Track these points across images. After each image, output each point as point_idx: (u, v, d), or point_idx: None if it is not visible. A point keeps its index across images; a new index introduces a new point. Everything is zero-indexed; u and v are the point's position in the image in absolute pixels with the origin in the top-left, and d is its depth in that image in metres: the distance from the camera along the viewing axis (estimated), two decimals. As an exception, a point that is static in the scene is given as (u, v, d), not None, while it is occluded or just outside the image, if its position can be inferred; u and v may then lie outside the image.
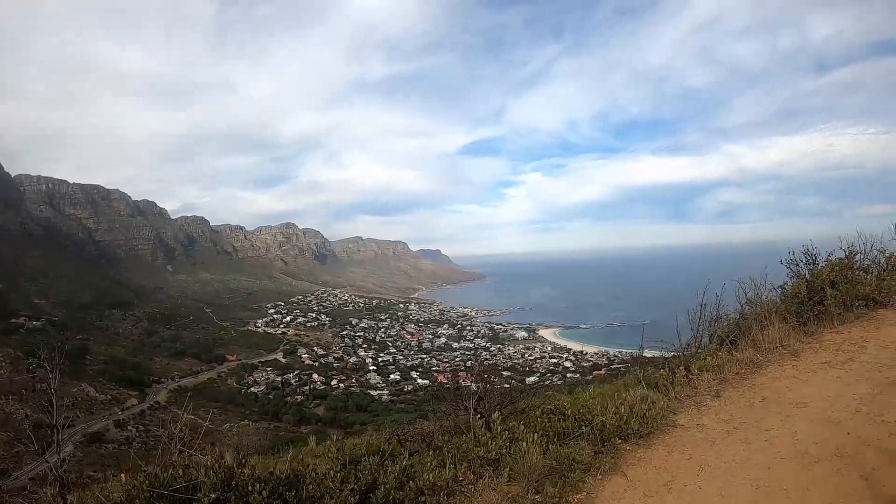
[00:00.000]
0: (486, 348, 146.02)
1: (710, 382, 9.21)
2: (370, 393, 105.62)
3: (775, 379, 8.87)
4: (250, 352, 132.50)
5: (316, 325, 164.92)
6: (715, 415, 8.16)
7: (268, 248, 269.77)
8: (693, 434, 7.68)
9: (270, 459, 10.72)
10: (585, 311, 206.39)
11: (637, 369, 10.98)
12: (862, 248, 12.35)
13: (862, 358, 8.67)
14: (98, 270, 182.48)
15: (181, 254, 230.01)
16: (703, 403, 8.67)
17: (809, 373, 8.74)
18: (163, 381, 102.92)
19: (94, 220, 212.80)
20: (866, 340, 9.41)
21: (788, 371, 9.03)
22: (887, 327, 9.81)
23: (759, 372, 9.31)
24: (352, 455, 8.33)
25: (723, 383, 9.18)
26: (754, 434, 7.20)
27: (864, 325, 10.30)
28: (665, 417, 8.17)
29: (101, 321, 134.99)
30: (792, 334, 10.40)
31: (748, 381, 9.08)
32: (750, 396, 8.48)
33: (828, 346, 9.65)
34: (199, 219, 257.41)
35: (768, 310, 11.28)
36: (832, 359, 9.03)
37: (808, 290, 11.52)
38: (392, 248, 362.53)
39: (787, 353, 9.80)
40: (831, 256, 12.16)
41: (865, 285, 11.41)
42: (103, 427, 74.24)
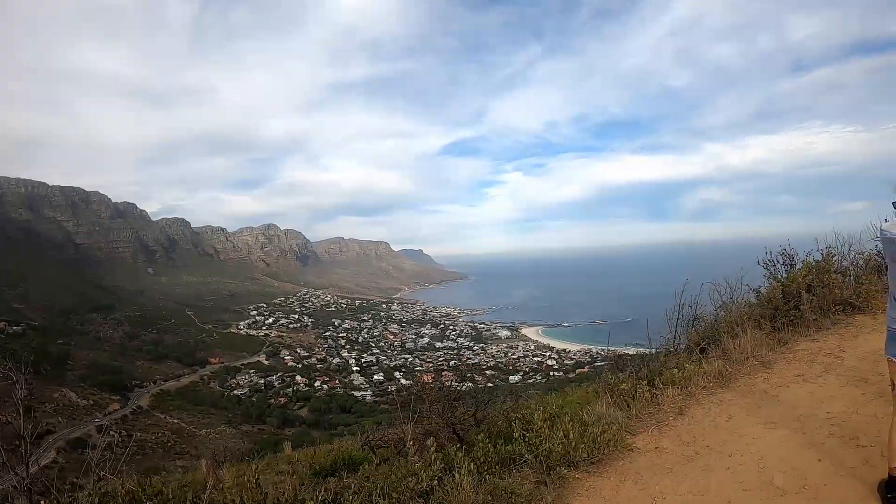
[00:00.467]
0: (470, 347, 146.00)
1: (674, 398, 8.62)
2: (354, 394, 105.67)
3: (744, 394, 8.31)
4: (233, 354, 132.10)
5: (298, 326, 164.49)
6: (676, 436, 7.54)
7: (249, 249, 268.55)
8: (650, 459, 7.09)
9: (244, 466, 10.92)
10: (568, 310, 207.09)
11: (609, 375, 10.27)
12: (839, 249, 12.03)
13: (838, 370, 8.29)
14: (79, 274, 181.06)
15: (162, 256, 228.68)
16: (665, 422, 8.05)
17: (781, 387, 8.21)
18: (145, 385, 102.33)
19: (74, 223, 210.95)
20: (843, 350, 9.04)
21: (759, 385, 8.48)
22: (865, 335, 9.44)
23: (728, 386, 8.76)
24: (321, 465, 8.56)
25: (688, 399, 8.58)
26: (716, 460, 6.62)
27: (841, 332, 9.92)
28: (621, 440, 7.56)
29: (83, 325, 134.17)
30: (765, 343, 9.88)
31: (716, 396, 8.49)
32: (716, 414, 7.89)
33: (802, 357, 9.15)
34: (181, 220, 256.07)
35: (740, 316, 10.89)
36: (806, 371, 8.55)
37: (783, 294, 11.12)
38: (374, 248, 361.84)
39: (759, 364, 9.23)
40: (809, 257, 11.86)
41: (843, 289, 11.05)
42: (86, 433, 73.79)
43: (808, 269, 11.48)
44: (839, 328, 10.08)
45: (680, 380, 9.12)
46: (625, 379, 9.69)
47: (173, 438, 77.22)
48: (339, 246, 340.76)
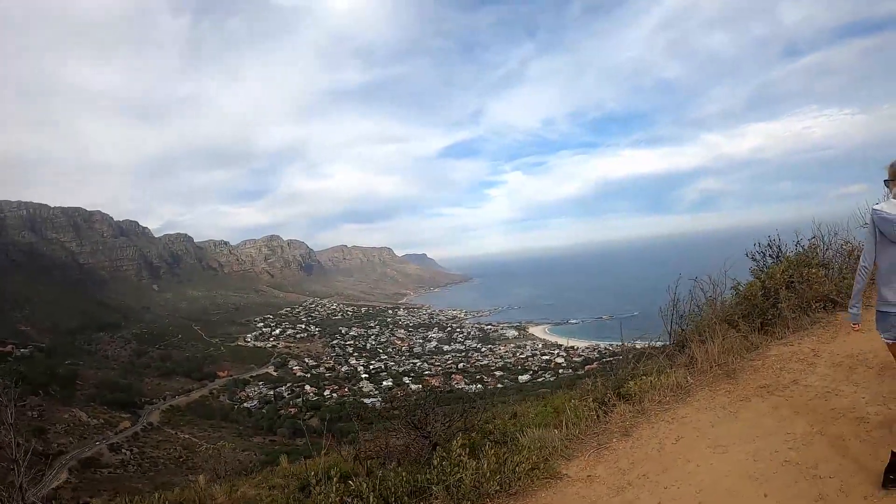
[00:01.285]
0: (478, 349, 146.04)
1: (623, 415, 8.13)
2: (363, 401, 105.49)
3: (701, 410, 7.70)
4: (241, 367, 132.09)
5: (305, 336, 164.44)
6: (614, 462, 6.95)
7: (253, 261, 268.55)
8: (578, 490, 6.53)
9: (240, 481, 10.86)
10: (573, 307, 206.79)
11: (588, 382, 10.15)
12: (824, 239, 11.62)
13: (808, 380, 7.55)
14: (84, 293, 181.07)
15: (166, 272, 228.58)
16: (607, 444, 7.49)
17: (742, 401, 7.55)
18: (155, 401, 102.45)
19: (78, 243, 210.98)
20: (818, 355, 8.35)
21: (719, 399, 7.87)
22: (844, 336, 8.72)
23: (686, 400, 8.18)
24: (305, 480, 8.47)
25: (639, 416, 8.05)
26: (649, 493, 5.98)
27: (819, 333, 9.27)
28: (550, 467, 7.03)
29: (90, 345, 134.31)
30: (734, 348, 9.32)
31: (669, 412, 7.90)
32: (664, 435, 7.28)
33: (772, 365, 8.47)
34: (183, 236, 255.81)
35: (713, 318, 10.36)
36: (773, 382, 7.86)
37: (763, 291, 10.71)
38: (378, 254, 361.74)
39: (723, 374, 8.66)
40: (797, 247, 11.61)
41: (823, 284, 10.45)
42: (97, 452, 73.93)
43: (788, 263, 11.20)
44: (818, 328, 9.57)
45: (636, 393, 8.59)
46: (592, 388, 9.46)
47: (185, 454, 77.17)
48: (343, 254, 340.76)
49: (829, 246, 11.60)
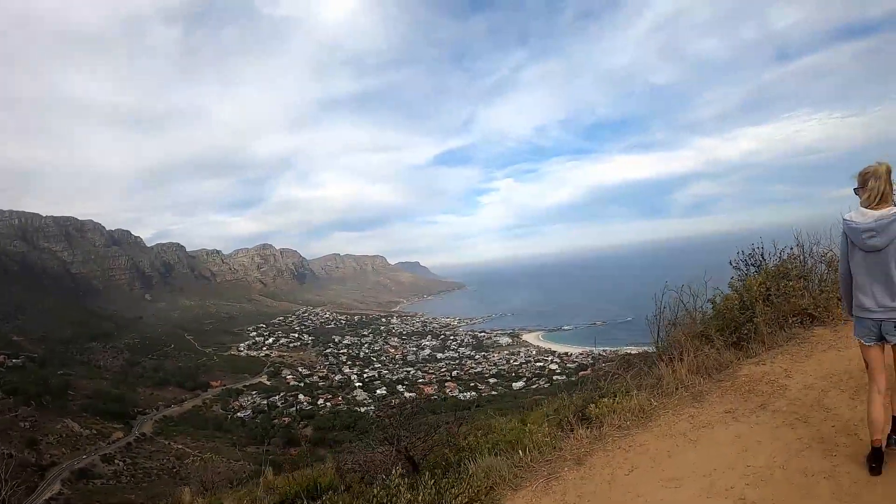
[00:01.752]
0: (471, 357, 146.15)
1: (581, 440, 7.70)
2: (357, 410, 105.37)
3: (661, 437, 7.19)
4: (234, 376, 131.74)
5: (299, 345, 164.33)
6: (561, 494, 6.52)
7: (246, 270, 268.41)
8: None
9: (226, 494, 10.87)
10: (567, 313, 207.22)
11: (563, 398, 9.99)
12: (805, 248, 11.08)
13: (777, 404, 7.04)
14: (76, 303, 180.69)
15: (159, 281, 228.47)
16: (557, 473, 7.06)
17: (705, 428, 7.03)
18: (147, 411, 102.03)
19: (70, 253, 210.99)
20: (790, 375, 7.82)
21: (681, 424, 7.33)
22: (819, 354, 8.24)
23: (647, 425, 7.67)
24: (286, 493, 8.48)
25: (596, 442, 7.59)
26: None
27: (793, 350, 8.70)
28: (494, 498, 6.79)
29: (82, 355, 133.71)
30: (704, 367, 8.90)
31: (628, 438, 7.42)
32: (618, 465, 6.81)
33: (740, 387, 7.91)
34: (176, 245, 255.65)
35: (687, 333, 9.96)
36: (740, 406, 7.33)
37: (739, 305, 10.21)
38: (371, 262, 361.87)
39: (689, 396, 8.16)
40: (782, 254, 11.07)
41: (801, 298, 9.96)
42: (90, 463, 73.66)
43: (766, 275, 10.71)
44: (793, 345, 9.00)
45: (596, 416, 8.25)
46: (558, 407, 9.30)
47: (178, 464, 76.95)
48: (336, 262, 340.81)
49: (811, 254, 11.10)
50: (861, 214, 5.07)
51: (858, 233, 5.07)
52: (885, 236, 4.91)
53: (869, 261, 5.08)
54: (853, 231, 5.12)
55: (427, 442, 8.51)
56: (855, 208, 5.23)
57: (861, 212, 5.09)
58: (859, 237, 5.07)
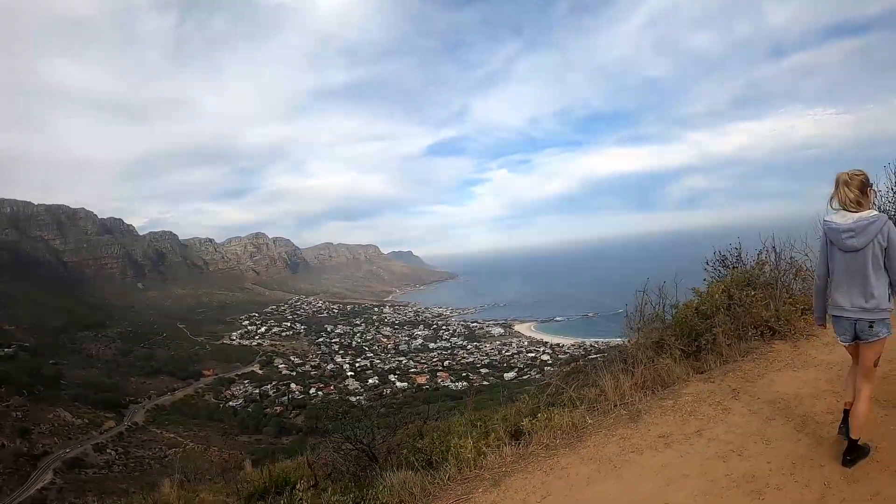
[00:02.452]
0: (464, 347, 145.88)
1: (505, 457, 7.29)
2: (349, 399, 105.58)
3: (586, 460, 6.73)
4: (226, 365, 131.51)
5: (291, 334, 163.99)
6: None
7: (238, 259, 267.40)
8: None
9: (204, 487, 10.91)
10: (560, 304, 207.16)
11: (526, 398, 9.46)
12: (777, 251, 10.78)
13: (715, 430, 6.54)
14: (68, 292, 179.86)
15: (151, 270, 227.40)
16: (470, 495, 6.68)
17: (633, 453, 6.56)
18: (140, 400, 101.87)
19: (62, 241, 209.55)
20: (738, 395, 7.39)
21: (610, 447, 6.85)
22: (773, 374, 7.83)
23: (575, 445, 7.18)
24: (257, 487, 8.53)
25: (520, 461, 7.15)
26: None
27: (747, 368, 8.26)
28: None
29: (74, 343, 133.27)
30: (649, 381, 8.48)
31: (552, 459, 6.97)
32: (533, 490, 6.43)
33: (682, 406, 7.48)
34: (168, 234, 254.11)
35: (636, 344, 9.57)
36: (675, 430, 6.86)
37: (697, 314, 9.82)
38: (363, 252, 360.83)
39: (627, 414, 7.69)
40: (761, 255, 10.82)
41: (767, 308, 9.58)
42: (82, 452, 73.75)
43: (731, 281, 10.39)
44: (748, 360, 8.58)
45: (527, 431, 7.86)
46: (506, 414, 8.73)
47: (171, 453, 77.00)
48: (329, 251, 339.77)
49: (780, 260, 10.82)
50: (842, 216, 5.23)
51: (838, 233, 5.22)
52: (863, 237, 5.05)
53: (847, 261, 5.22)
54: (833, 231, 5.28)
55: (388, 441, 8.31)
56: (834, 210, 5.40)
57: (842, 213, 5.24)
58: (839, 237, 5.21)
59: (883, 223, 4.99)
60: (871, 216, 5.05)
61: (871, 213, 5.10)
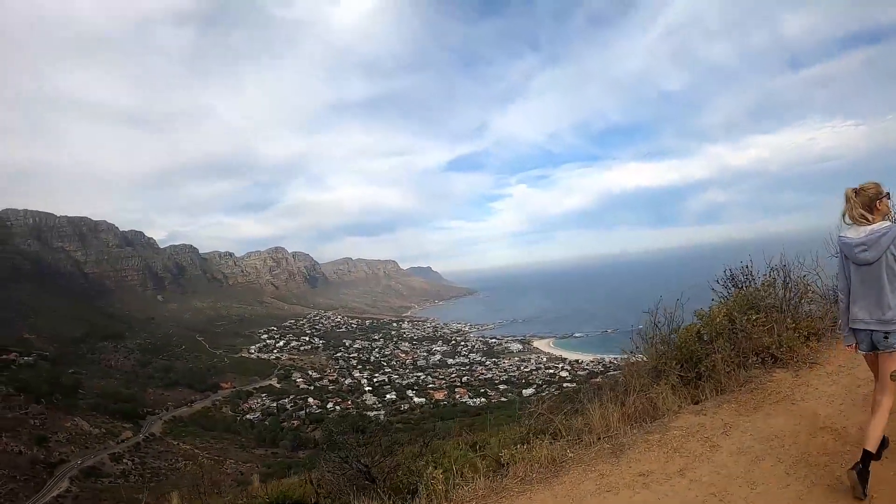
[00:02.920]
0: (482, 362, 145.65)
1: (476, 490, 6.82)
2: (367, 414, 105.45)
3: (559, 497, 6.27)
4: (244, 378, 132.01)
5: (309, 348, 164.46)
6: None
7: (258, 273, 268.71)
8: None
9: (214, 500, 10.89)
10: (578, 320, 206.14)
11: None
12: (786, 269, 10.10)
13: (699, 471, 6.02)
14: (88, 303, 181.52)
15: (171, 283, 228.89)
16: None
17: (609, 492, 6.06)
18: (157, 412, 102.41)
19: (83, 253, 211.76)
20: (728, 432, 6.82)
21: (587, 485, 6.35)
22: (770, 406, 7.33)
23: (551, 481, 6.67)
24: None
25: (492, 495, 6.67)
26: None
27: (743, 399, 7.74)
28: None
29: (93, 354, 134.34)
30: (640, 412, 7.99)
31: (525, 495, 6.48)
32: None
33: (669, 441, 6.93)
34: (188, 247, 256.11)
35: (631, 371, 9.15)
36: (658, 468, 6.34)
37: (698, 338, 9.18)
38: (382, 267, 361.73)
39: (610, 448, 7.12)
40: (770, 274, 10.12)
41: (771, 335, 8.90)
42: (99, 461, 74.10)
43: (734, 304, 9.61)
44: (746, 391, 7.97)
45: (506, 462, 7.43)
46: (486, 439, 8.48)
47: (187, 464, 77.24)
48: (348, 266, 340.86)
49: (790, 277, 10.08)
50: (854, 230, 5.30)
51: (851, 248, 5.29)
52: (875, 250, 5.12)
53: (862, 274, 5.29)
54: (847, 246, 5.36)
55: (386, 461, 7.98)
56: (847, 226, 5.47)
57: (854, 228, 5.31)
58: (852, 252, 5.29)
59: (895, 234, 5.05)
60: (883, 228, 5.12)
61: (884, 224, 5.17)
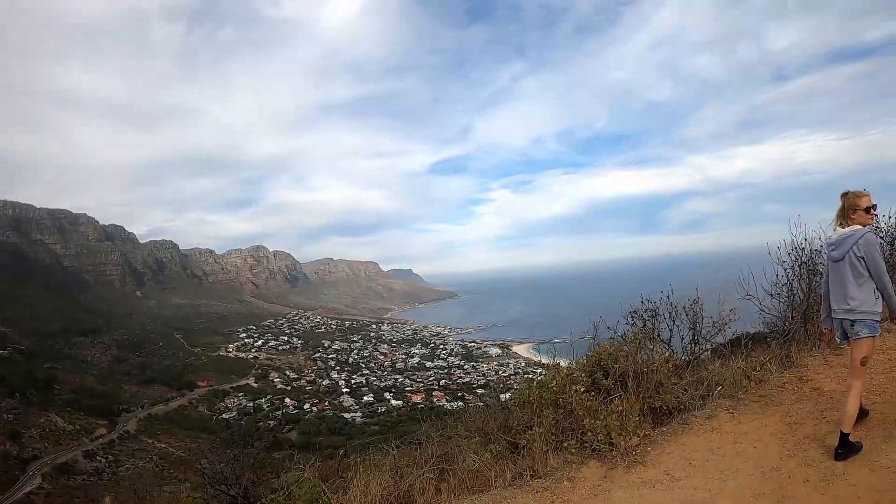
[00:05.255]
0: (460, 366, 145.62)
1: None
2: (344, 416, 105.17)
3: None
4: (222, 377, 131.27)
5: (288, 348, 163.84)
6: None
7: (238, 271, 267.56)
8: None
9: None
10: (558, 326, 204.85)
11: None
12: (694, 311, 9.43)
13: None
14: (67, 297, 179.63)
15: (150, 279, 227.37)
16: None
17: None
18: (132, 409, 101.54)
19: (63, 246, 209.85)
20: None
21: None
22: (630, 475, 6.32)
23: None
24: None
25: None
26: None
27: (545, 488, 6.46)
28: None
29: (70, 349, 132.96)
30: (461, 482, 6.98)
31: None
32: None
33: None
34: (169, 243, 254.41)
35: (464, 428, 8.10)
36: None
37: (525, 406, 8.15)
38: (363, 268, 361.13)
39: None
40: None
41: (586, 413, 7.49)
42: (72, 458, 73.34)
43: (586, 363, 8.49)
44: (552, 480, 6.62)
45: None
46: None
47: (161, 463, 76.67)
48: (329, 266, 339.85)
49: (697, 326, 9.05)
50: (834, 233, 6.14)
51: (826, 247, 6.29)
52: (841, 249, 5.95)
53: (833, 270, 6.14)
54: (826, 246, 6.34)
55: (268, 482, 7.72)
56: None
57: (835, 231, 6.13)
58: (827, 251, 6.25)
59: (859, 236, 5.83)
60: (851, 231, 5.92)
61: (855, 228, 5.91)
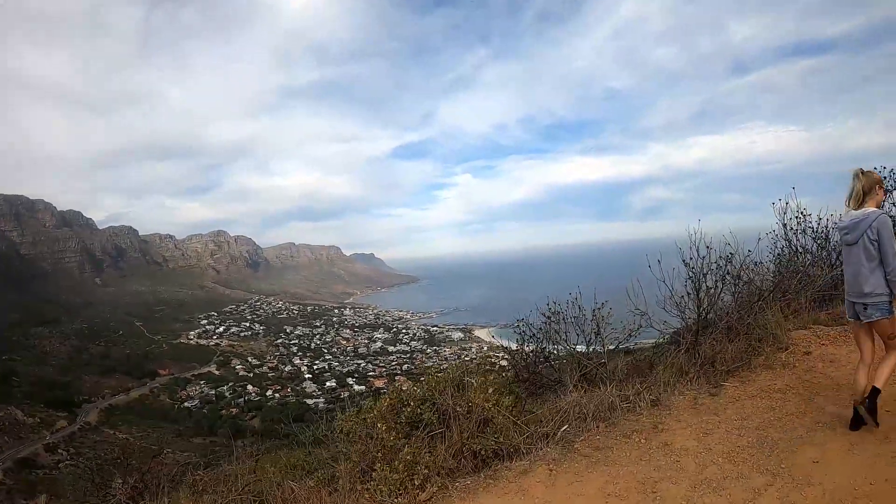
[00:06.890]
0: (423, 351, 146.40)
1: None
2: (306, 402, 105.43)
3: None
4: (183, 365, 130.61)
5: (250, 334, 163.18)
6: None
7: (199, 256, 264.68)
8: None
9: None
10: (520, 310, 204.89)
11: None
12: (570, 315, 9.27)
13: None
14: (23, 286, 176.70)
15: (110, 266, 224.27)
16: None
17: None
18: (93, 400, 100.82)
19: (19, 233, 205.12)
20: None
21: None
22: None
23: None
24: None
25: None
26: None
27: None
28: None
29: (28, 340, 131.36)
30: None
31: None
32: None
33: None
34: (128, 228, 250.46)
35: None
36: None
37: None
38: (325, 253, 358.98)
39: None
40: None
41: (487, 417, 7.23)
42: (33, 452, 72.96)
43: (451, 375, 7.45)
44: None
45: None
46: None
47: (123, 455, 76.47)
48: (290, 251, 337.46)
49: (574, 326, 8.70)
50: (847, 215, 6.23)
51: (840, 231, 6.34)
52: (855, 233, 6.02)
53: (847, 254, 6.23)
54: (839, 230, 6.42)
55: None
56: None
57: (848, 213, 6.22)
58: (841, 234, 6.29)
59: (873, 219, 5.91)
60: (864, 213, 6.00)
61: (867, 210, 6.03)
